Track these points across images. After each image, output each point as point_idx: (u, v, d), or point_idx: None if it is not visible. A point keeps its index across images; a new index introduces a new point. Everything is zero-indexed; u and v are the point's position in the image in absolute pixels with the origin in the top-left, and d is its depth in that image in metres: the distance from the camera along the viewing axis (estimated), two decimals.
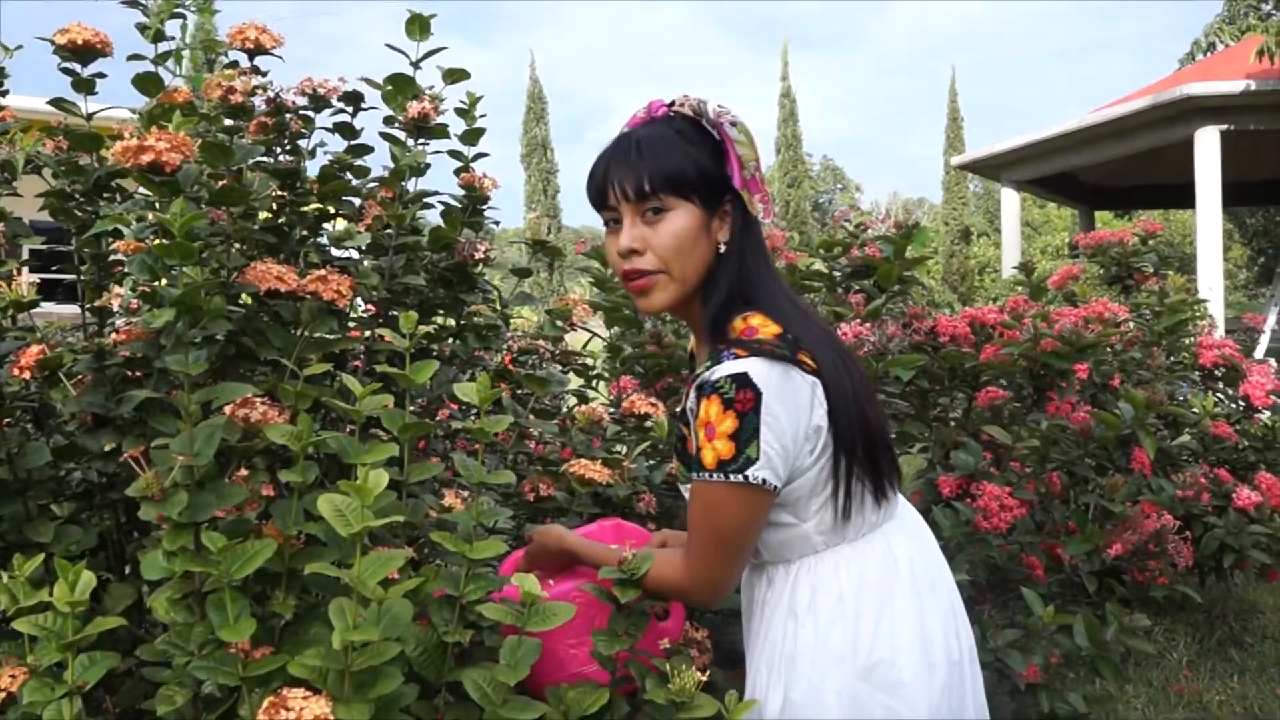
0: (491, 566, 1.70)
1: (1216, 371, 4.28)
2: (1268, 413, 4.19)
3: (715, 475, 1.33)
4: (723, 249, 1.44)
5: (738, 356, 1.32)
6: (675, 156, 1.40)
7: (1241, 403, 4.22)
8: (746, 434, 1.31)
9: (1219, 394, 4.29)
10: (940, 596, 1.51)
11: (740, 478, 1.32)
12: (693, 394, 1.37)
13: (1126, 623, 2.51)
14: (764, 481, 1.32)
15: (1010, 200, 14.69)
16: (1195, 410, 3.99)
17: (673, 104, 1.46)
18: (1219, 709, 3.30)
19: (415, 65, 1.98)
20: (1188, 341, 4.39)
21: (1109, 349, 3.84)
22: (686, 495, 1.48)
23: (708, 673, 1.60)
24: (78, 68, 1.89)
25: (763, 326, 1.37)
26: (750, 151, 1.45)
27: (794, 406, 1.34)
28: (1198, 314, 4.55)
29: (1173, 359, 4.26)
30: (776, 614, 1.46)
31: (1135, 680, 3.47)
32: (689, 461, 1.42)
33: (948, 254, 31.19)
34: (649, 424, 2.33)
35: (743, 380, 1.31)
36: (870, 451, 1.43)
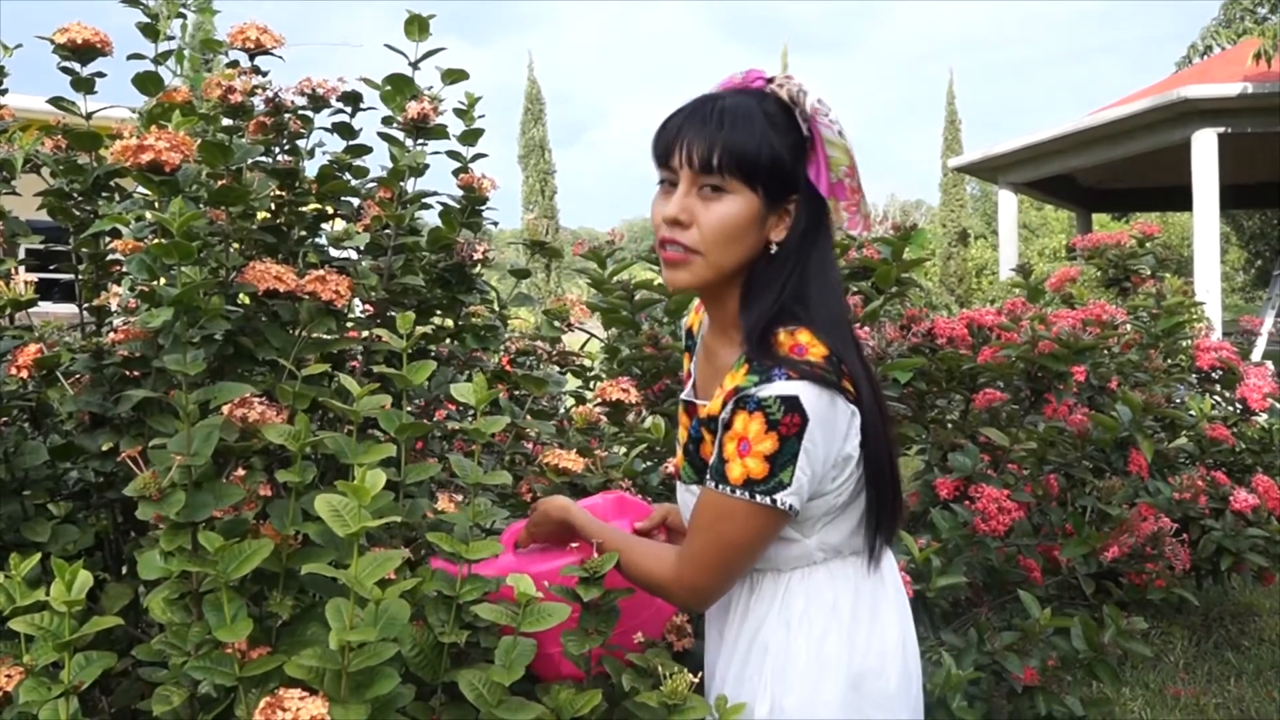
0: None
1: (1214, 374, 4.29)
2: (1265, 415, 4.19)
3: (739, 492, 1.28)
4: (774, 249, 1.35)
5: (790, 378, 1.26)
6: (755, 137, 1.30)
7: (1239, 405, 4.22)
8: (784, 458, 1.26)
9: (1216, 396, 4.29)
10: (906, 606, 1.52)
11: (768, 500, 1.28)
12: (729, 404, 1.30)
13: (1124, 625, 2.51)
14: (790, 507, 1.29)
15: (1008, 203, 14.70)
16: (1192, 413, 3.99)
17: (771, 80, 1.36)
18: (1215, 712, 3.30)
19: (414, 66, 1.98)
20: (1185, 344, 4.40)
21: (1106, 351, 3.84)
22: (684, 494, 1.46)
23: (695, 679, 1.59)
24: (77, 67, 1.89)
25: (810, 346, 1.31)
26: (843, 156, 1.35)
27: (831, 434, 1.30)
28: (1195, 316, 4.55)
29: (1170, 361, 4.26)
30: (766, 622, 1.42)
31: (1132, 683, 3.47)
32: (699, 465, 1.40)
33: (945, 256, 31.22)
34: (645, 421, 2.33)
35: (793, 405, 1.25)
36: (890, 479, 1.41)
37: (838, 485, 1.35)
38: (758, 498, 1.28)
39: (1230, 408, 4.29)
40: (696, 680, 1.39)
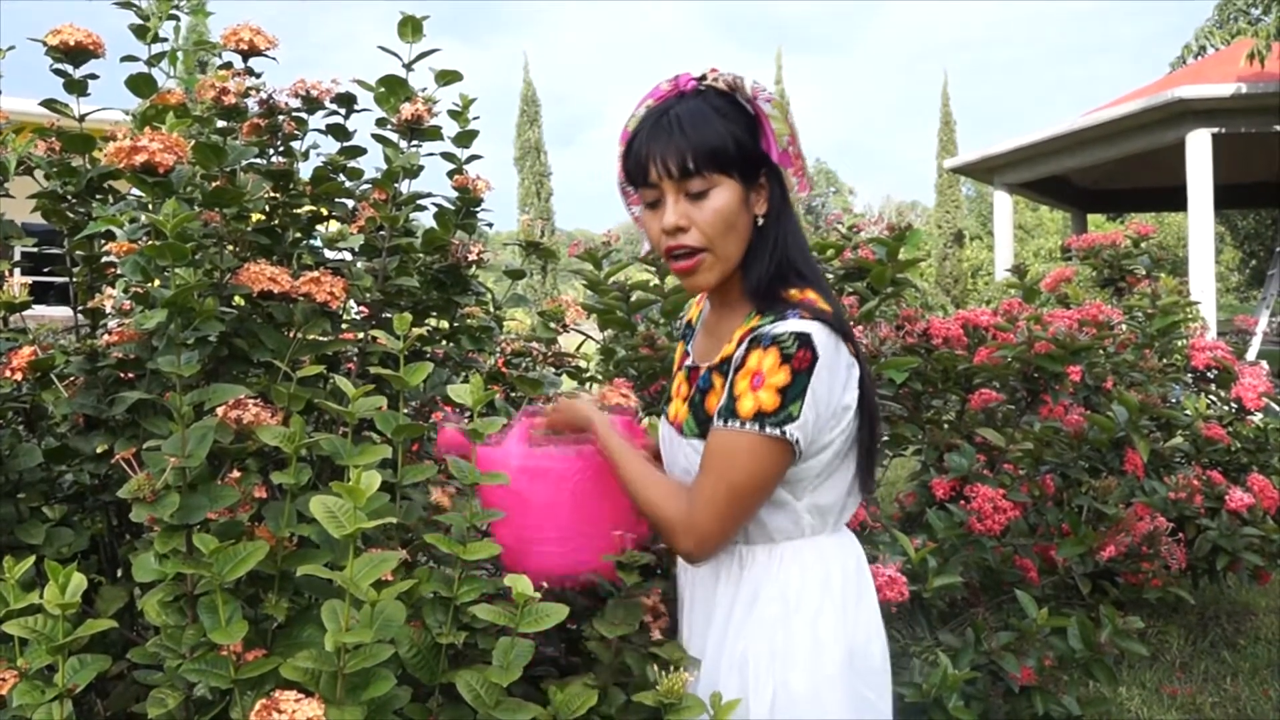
0: (485, 569, 1.70)
1: (1209, 374, 4.30)
2: (1260, 415, 4.20)
3: (749, 425, 1.34)
4: (760, 222, 1.45)
5: (803, 318, 1.36)
6: (716, 132, 1.39)
7: (1234, 405, 4.23)
8: (795, 392, 1.33)
9: (1211, 396, 4.30)
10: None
11: (777, 431, 1.33)
12: (743, 345, 1.38)
13: (1120, 625, 2.51)
14: (796, 441, 1.35)
15: (1003, 203, 14.72)
16: (1188, 412, 3.99)
17: (703, 78, 1.45)
18: (1212, 711, 3.30)
19: (408, 67, 1.98)
20: (1180, 344, 4.40)
21: (1102, 351, 3.84)
22: (682, 447, 1.50)
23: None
24: (70, 69, 1.88)
25: (818, 302, 1.41)
26: (784, 126, 1.43)
27: (834, 380, 1.38)
28: (1190, 316, 4.56)
29: (1165, 361, 4.26)
30: (761, 596, 1.45)
31: (1129, 682, 3.48)
32: (703, 417, 1.45)
33: (940, 257, 31.24)
34: (641, 422, 2.33)
35: (805, 340, 1.34)
36: (874, 442, 1.49)
37: (832, 436, 1.41)
38: (767, 429, 1.33)
39: (1225, 407, 4.29)
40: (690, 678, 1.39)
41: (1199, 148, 11.05)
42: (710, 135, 1.39)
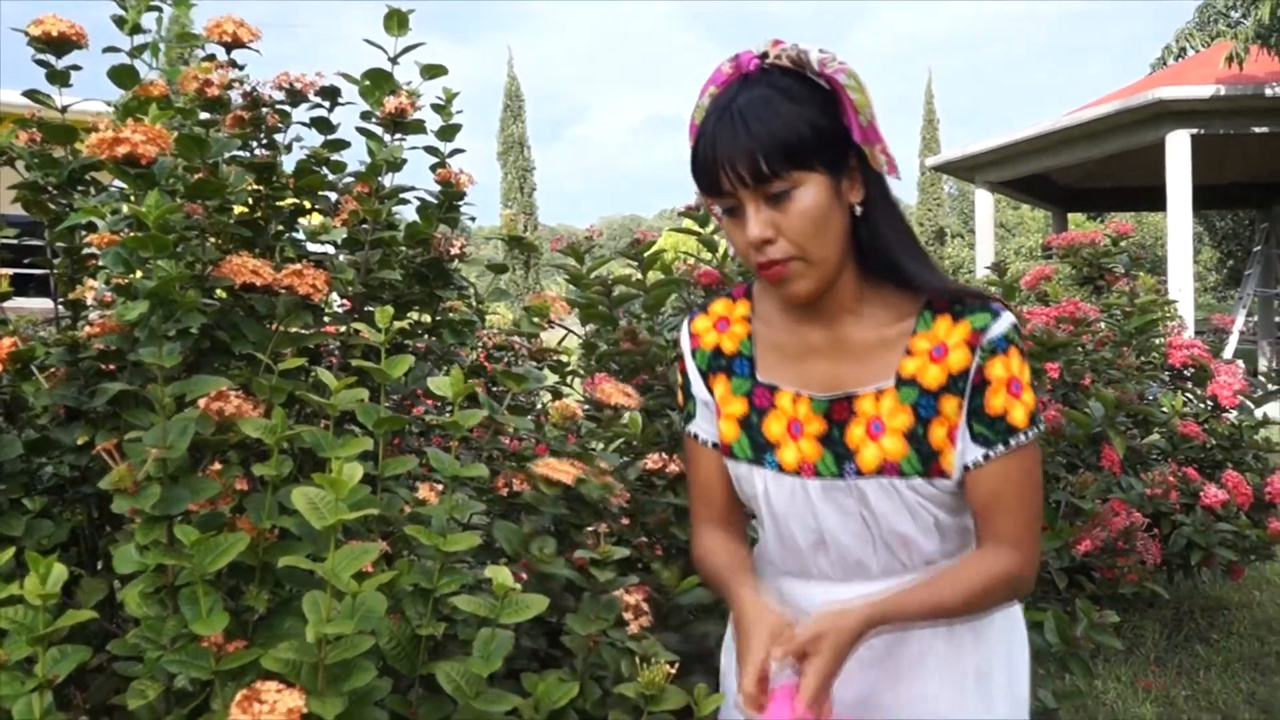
0: (465, 561, 1.70)
1: (1185, 371, 4.34)
2: (1235, 412, 4.25)
3: (1031, 431, 1.25)
4: (859, 210, 1.25)
5: (1005, 306, 1.26)
6: (788, 122, 1.19)
7: (1209, 402, 4.27)
8: (1031, 379, 1.26)
9: (1188, 394, 4.34)
10: None
11: (1041, 425, 1.26)
12: (978, 354, 1.23)
13: (1096, 619, 2.53)
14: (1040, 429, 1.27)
15: (984, 201, 14.80)
16: (1164, 409, 4.03)
17: (765, 56, 1.24)
18: (1185, 704, 3.34)
19: (393, 61, 1.98)
20: (1158, 342, 4.45)
21: (1080, 348, 3.88)
22: (890, 494, 1.26)
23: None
24: (52, 59, 1.87)
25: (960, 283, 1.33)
26: (864, 98, 1.23)
27: None
28: (1167, 315, 4.60)
29: (1143, 359, 4.30)
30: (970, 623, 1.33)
31: (1104, 676, 3.51)
32: (928, 452, 1.25)
33: None
34: (624, 419, 2.34)
35: (1019, 328, 1.26)
36: None
37: None
38: (1040, 426, 1.27)
39: (1201, 405, 4.34)
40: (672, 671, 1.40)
41: (1178, 148, 11.16)
42: (781, 128, 1.18)
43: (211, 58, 1.92)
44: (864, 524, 1.29)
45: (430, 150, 2.12)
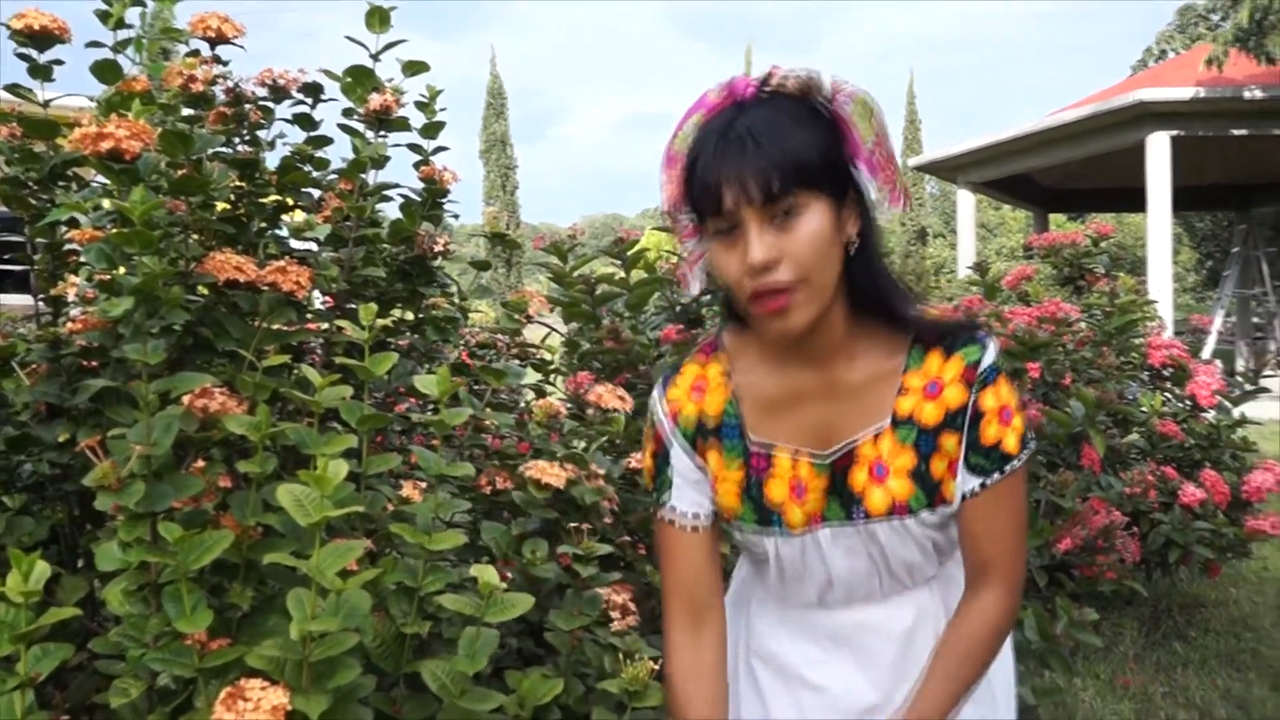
0: (449, 560, 1.70)
1: (1165, 371, 4.37)
2: (1213, 412, 4.28)
3: (1024, 454, 1.25)
4: (854, 246, 1.20)
5: (988, 334, 1.25)
6: (800, 142, 1.14)
7: (1188, 402, 4.30)
8: (1014, 393, 1.26)
9: (1167, 393, 4.37)
10: None
11: (1032, 445, 1.26)
12: (974, 388, 1.22)
13: (1075, 616, 2.55)
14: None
15: (966, 202, 14.87)
16: (1144, 409, 4.06)
17: (766, 80, 1.19)
18: (1163, 700, 3.37)
19: (375, 58, 1.98)
20: (1137, 342, 4.47)
21: (1061, 348, 3.90)
22: (915, 527, 1.26)
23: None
24: (34, 53, 1.86)
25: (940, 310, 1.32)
26: (868, 127, 1.18)
27: None
28: (1147, 315, 4.63)
29: (1123, 359, 4.33)
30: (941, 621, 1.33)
31: (1083, 673, 3.53)
32: (932, 485, 1.25)
33: (904, 254, 31.50)
34: (610, 419, 2.34)
35: (999, 350, 1.26)
36: None
37: None
38: (1031, 446, 1.27)
39: (1180, 404, 4.37)
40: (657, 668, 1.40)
41: (1158, 150, 11.25)
42: (791, 145, 1.13)
43: (195, 53, 1.91)
44: (871, 560, 1.29)
45: (414, 148, 2.12)
